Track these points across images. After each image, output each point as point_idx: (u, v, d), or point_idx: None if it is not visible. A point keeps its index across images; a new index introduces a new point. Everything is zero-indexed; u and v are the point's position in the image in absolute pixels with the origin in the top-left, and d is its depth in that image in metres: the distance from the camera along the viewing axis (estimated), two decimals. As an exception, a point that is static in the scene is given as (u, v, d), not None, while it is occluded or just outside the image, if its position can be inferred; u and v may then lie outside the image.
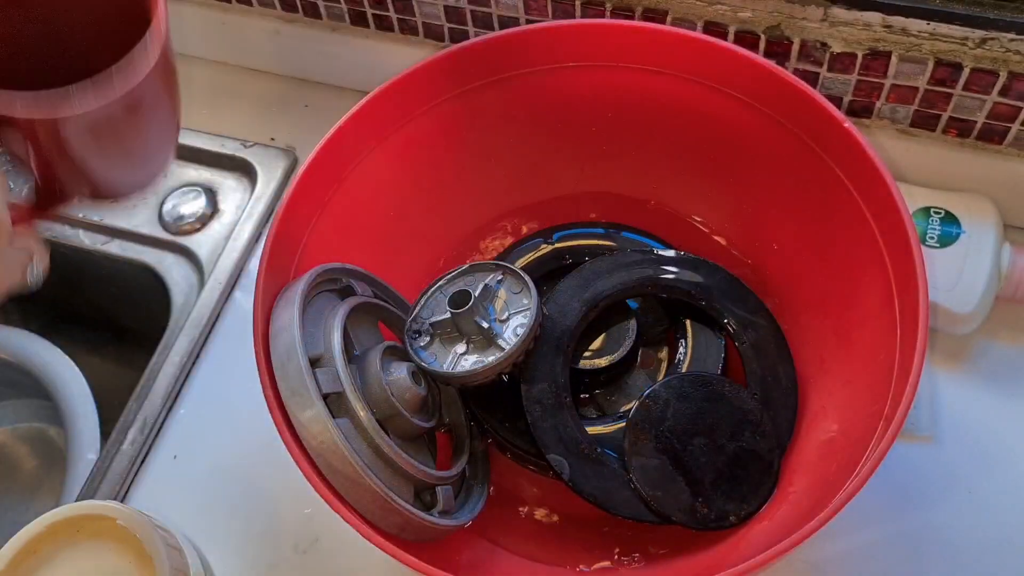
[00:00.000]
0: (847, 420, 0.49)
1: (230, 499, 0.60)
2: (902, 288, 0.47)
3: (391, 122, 0.56)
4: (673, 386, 0.53)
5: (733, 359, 0.56)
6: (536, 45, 0.56)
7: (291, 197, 0.51)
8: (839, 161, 0.51)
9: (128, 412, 0.63)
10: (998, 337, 0.60)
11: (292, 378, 0.45)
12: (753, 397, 0.52)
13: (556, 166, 0.62)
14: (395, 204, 0.59)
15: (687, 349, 0.56)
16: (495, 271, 0.54)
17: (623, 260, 0.57)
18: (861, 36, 0.57)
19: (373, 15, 0.71)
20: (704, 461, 0.50)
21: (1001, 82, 0.56)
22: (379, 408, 0.48)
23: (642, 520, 0.50)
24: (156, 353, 0.65)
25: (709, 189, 0.60)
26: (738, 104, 0.54)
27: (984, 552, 0.53)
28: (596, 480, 0.51)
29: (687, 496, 0.50)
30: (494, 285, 0.53)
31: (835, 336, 0.53)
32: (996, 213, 0.59)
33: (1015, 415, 0.57)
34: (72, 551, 0.47)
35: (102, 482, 0.61)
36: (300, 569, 0.56)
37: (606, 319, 0.57)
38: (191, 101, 0.79)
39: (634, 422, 0.52)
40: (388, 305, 0.56)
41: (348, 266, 0.54)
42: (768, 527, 0.48)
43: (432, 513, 0.48)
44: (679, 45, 0.54)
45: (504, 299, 0.53)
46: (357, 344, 0.53)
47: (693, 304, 0.56)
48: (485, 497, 0.54)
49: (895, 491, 0.55)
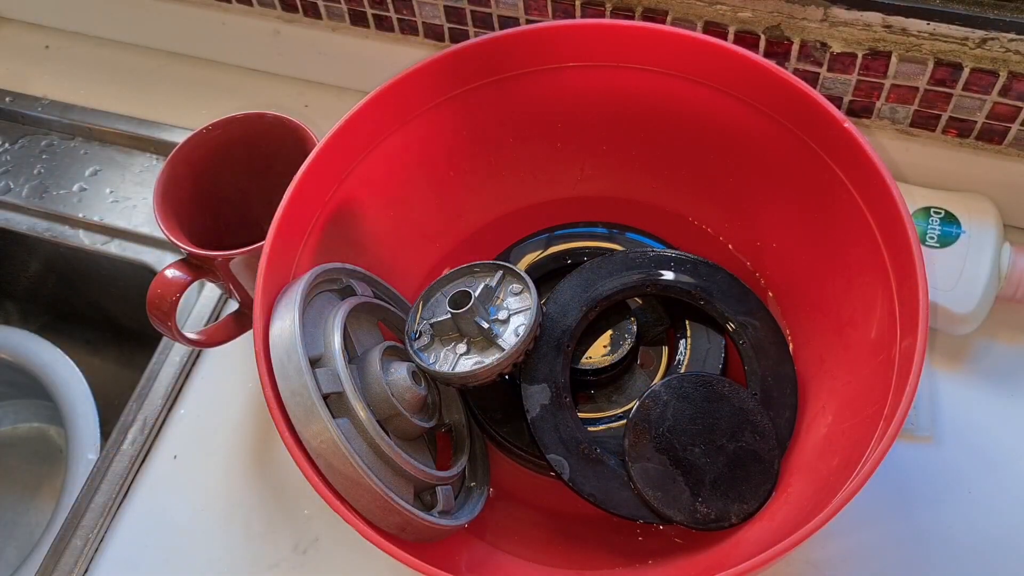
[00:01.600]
0: (847, 420, 0.49)
1: (230, 499, 0.60)
2: (902, 288, 0.47)
3: (391, 122, 0.56)
4: (673, 386, 0.53)
5: (733, 359, 0.56)
6: (536, 45, 0.56)
7: (291, 197, 0.51)
8: (839, 161, 0.51)
9: (128, 412, 0.63)
10: (998, 337, 0.60)
11: (292, 378, 0.45)
12: (753, 397, 0.52)
13: (556, 166, 0.62)
14: (395, 204, 0.59)
15: (687, 349, 0.56)
16: (496, 271, 0.54)
17: (623, 260, 0.57)
18: (861, 36, 0.57)
19: (373, 15, 0.71)
20: (704, 461, 0.50)
21: (1001, 82, 0.56)
22: (379, 408, 0.48)
23: (642, 520, 0.50)
24: (156, 353, 0.65)
25: (709, 189, 0.60)
26: (738, 104, 0.54)
27: (984, 552, 0.53)
28: (596, 480, 0.51)
29: (687, 496, 0.50)
30: (494, 285, 0.53)
31: (835, 336, 0.53)
32: (996, 213, 0.59)
33: (1015, 415, 0.57)
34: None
35: (102, 482, 0.61)
36: (300, 569, 0.56)
37: (606, 319, 0.57)
38: (191, 101, 0.79)
39: (634, 422, 0.52)
40: (388, 305, 0.56)
41: (348, 266, 0.54)
42: (768, 527, 0.48)
43: (432, 513, 0.48)
44: (679, 45, 0.54)
45: (504, 299, 0.53)
46: (357, 344, 0.53)
47: (693, 304, 0.56)
48: (485, 497, 0.54)
49: (895, 491, 0.55)
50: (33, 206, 0.75)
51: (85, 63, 0.84)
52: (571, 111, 0.59)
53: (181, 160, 0.58)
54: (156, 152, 0.77)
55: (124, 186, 0.76)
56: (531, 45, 0.56)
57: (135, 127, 0.78)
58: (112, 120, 0.78)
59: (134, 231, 0.73)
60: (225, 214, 0.61)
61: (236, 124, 0.59)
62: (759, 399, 0.53)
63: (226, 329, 0.60)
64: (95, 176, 0.77)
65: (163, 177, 0.57)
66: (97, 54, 0.84)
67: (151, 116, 0.78)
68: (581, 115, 0.59)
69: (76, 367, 0.73)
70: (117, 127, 0.78)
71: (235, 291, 0.58)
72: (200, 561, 0.58)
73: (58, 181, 0.77)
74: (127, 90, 0.81)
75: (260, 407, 0.63)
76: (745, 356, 0.55)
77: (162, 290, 0.54)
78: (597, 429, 0.54)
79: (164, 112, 0.78)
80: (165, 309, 0.54)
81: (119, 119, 0.78)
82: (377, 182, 0.57)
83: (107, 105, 0.79)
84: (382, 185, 0.57)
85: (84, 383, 0.72)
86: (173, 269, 0.55)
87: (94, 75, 0.83)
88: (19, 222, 0.75)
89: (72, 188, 0.76)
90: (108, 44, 0.85)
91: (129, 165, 0.77)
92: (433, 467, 0.52)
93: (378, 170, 0.56)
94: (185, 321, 0.67)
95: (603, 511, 0.50)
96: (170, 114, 0.78)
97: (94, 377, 0.73)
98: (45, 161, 0.78)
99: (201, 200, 0.60)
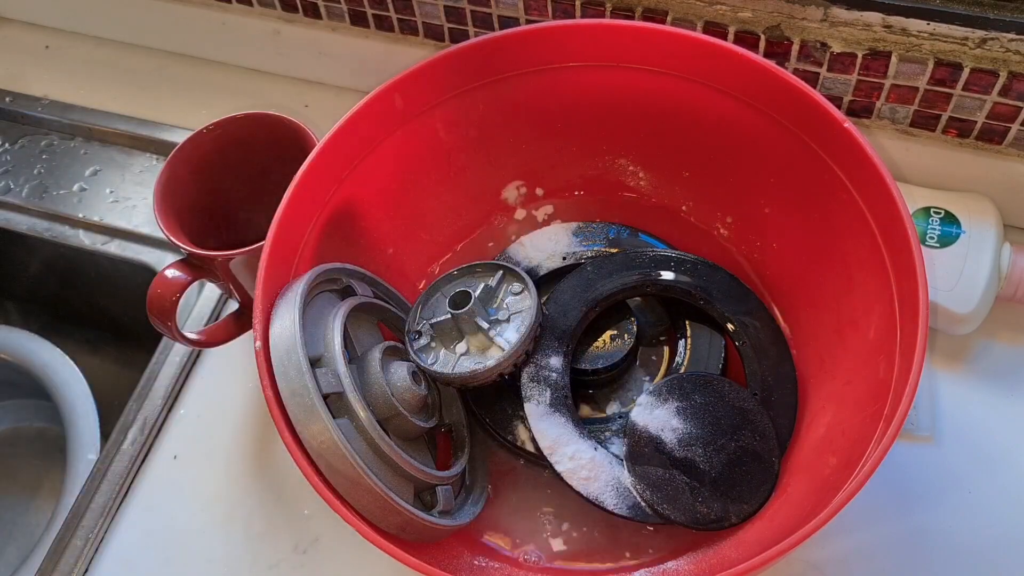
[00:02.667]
0: (847, 420, 0.49)
1: (230, 499, 0.60)
2: (902, 288, 0.47)
3: (391, 122, 0.56)
4: (673, 386, 0.53)
5: (733, 359, 0.56)
6: (536, 45, 0.56)
7: (291, 197, 0.51)
8: (839, 161, 0.51)
9: (128, 412, 0.63)
10: (998, 337, 0.60)
11: (292, 378, 0.45)
12: (753, 397, 0.52)
13: (556, 166, 0.62)
14: (395, 204, 0.59)
15: (687, 349, 0.56)
16: (496, 271, 0.54)
17: (623, 260, 0.57)
18: (861, 36, 0.57)
19: (373, 15, 0.71)
20: (704, 461, 0.50)
21: (1001, 82, 0.56)
22: (379, 408, 0.48)
23: (642, 520, 0.50)
24: (156, 353, 0.65)
25: (708, 189, 0.60)
26: (738, 104, 0.54)
27: (984, 552, 0.53)
28: (596, 480, 0.51)
29: (687, 496, 0.50)
30: (495, 286, 0.53)
31: (835, 336, 0.53)
32: (996, 213, 0.59)
33: (1015, 415, 0.57)
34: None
35: (102, 482, 0.61)
36: (300, 569, 0.56)
37: (606, 319, 0.57)
38: (191, 101, 0.79)
39: (634, 423, 0.52)
40: (388, 305, 0.56)
41: (348, 266, 0.54)
42: (768, 527, 0.48)
43: (432, 513, 0.48)
44: (679, 45, 0.54)
45: (504, 300, 0.53)
46: (357, 344, 0.53)
47: (693, 304, 0.56)
48: (485, 497, 0.54)
49: (895, 491, 0.55)
50: (33, 206, 0.75)
51: (85, 63, 0.84)
52: (571, 111, 0.59)
53: (181, 160, 0.59)
54: (156, 152, 0.77)
55: (124, 186, 0.76)
56: (531, 45, 0.56)
57: (135, 127, 0.78)
58: (112, 120, 0.78)
59: (134, 231, 0.73)
60: (225, 214, 0.61)
61: (236, 124, 0.60)
62: (759, 399, 0.53)
63: (226, 329, 0.60)
64: (95, 176, 0.77)
65: (163, 177, 0.57)
66: (97, 54, 0.84)
67: (151, 116, 0.78)
68: (581, 115, 0.59)
69: (76, 367, 0.73)
70: (117, 127, 0.78)
71: (235, 291, 0.58)
72: (200, 561, 0.58)
73: (58, 181, 0.77)
74: (127, 90, 0.81)
75: (260, 407, 0.63)
76: (745, 356, 0.55)
77: (162, 290, 0.54)
78: (597, 429, 0.54)
79: (164, 112, 0.78)
80: (165, 309, 0.54)
81: (119, 119, 0.78)
82: (377, 182, 0.57)
83: (107, 105, 0.79)
84: (382, 185, 0.57)
85: (84, 383, 0.72)
86: (173, 269, 0.55)
87: (94, 75, 0.83)
88: (19, 222, 0.75)
89: (72, 188, 0.76)
90: (108, 44, 0.85)
91: (129, 165, 0.77)
92: (433, 467, 0.52)
93: (378, 170, 0.56)
94: (185, 321, 0.67)
95: (603, 511, 0.50)
96: (170, 114, 0.78)
97: (94, 377, 0.73)
98: (45, 161, 0.78)
99: (201, 200, 0.60)
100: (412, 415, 0.50)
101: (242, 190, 0.61)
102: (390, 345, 0.51)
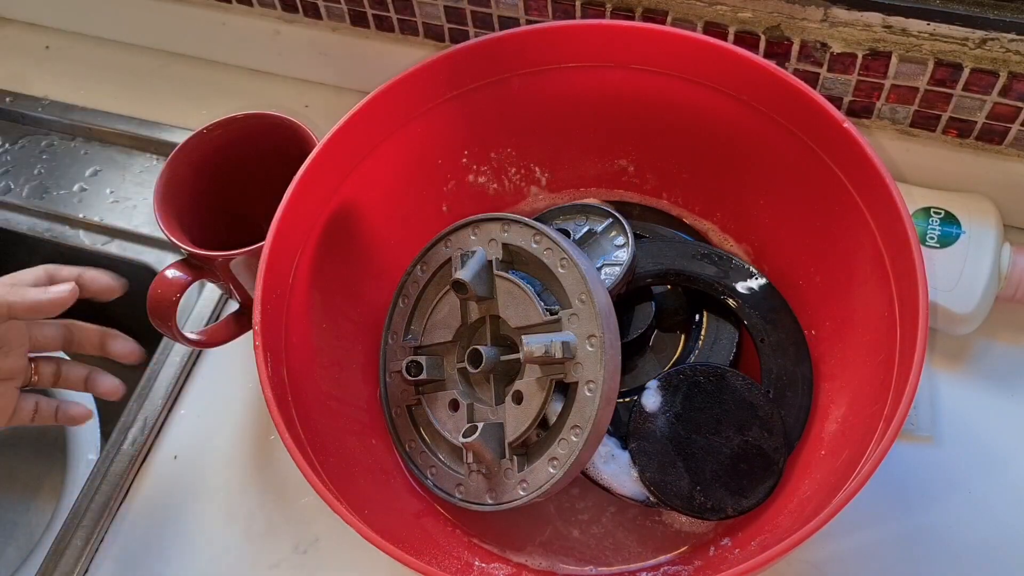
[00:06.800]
0: (847, 420, 0.49)
1: (230, 499, 0.60)
2: (902, 288, 0.47)
3: (391, 122, 0.56)
4: (686, 373, 0.52)
5: (748, 356, 0.56)
6: (536, 45, 0.56)
7: (291, 197, 0.51)
8: (839, 161, 0.51)
9: (128, 412, 0.63)
10: (998, 337, 0.60)
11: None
12: (765, 394, 0.52)
13: (556, 166, 0.62)
14: (395, 204, 0.59)
15: (701, 340, 0.56)
16: (606, 218, 0.57)
17: (656, 247, 0.58)
18: (861, 36, 0.57)
19: (373, 15, 0.71)
20: (707, 451, 0.50)
21: (1001, 82, 0.56)
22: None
23: (641, 502, 0.51)
24: (156, 353, 0.65)
25: (708, 189, 0.60)
26: (738, 104, 0.54)
27: (984, 552, 0.53)
28: (600, 459, 0.51)
29: (686, 483, 0.50)
30: (599, 230, 0.56)
31: (835, 336, 0.53)
32: (996, 213, 0.59)
33: (1015, 415, 0.57)
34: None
35: (102, 482, 0.61)
36: (300, 569, 0.57)
37: (627, 299, 0.57)
38: (191, 101, 0.79)
39: (642, 404, 0.52)
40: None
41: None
42: (768, 527, 0.48)
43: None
44: (679, 45, 0.54)
45: (601, 246, 0.56)
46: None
47: (715, 297, 0.56)
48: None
49: (895, 491, 0.55)
50: (33, 206, 0.75)
51: (85, 63, 0.84)
52: (571, 111, 0.59)
53: (181, 160, 0.59)
54: (156, 152, 0.77)
55: (124, 186, 0.76)
56: (531, 45, 0.56)
57: (135, 127, 0.78)
58: (112, 120, 0.78)
59: (134, 231, 0.73)
60: (225, 214, 0.61)
61: (236, 124, 0.60)
62: (772, 397, 0.53)
63: (226, 329, 0.60)
64: (95, 176, 0.77)
65: (163, 177, 0.57)
66: (97, 54, 0.84)
67: (151, 116, 0.78)
68: (581, 115, 0.59)
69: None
70: (117, 127, 0.78)
71: (235, 291, 0.58)
72: (200, 561, 0.58)
73: (58, 181, 0.77)
74: (127, 90, 0.81)
75: (260, 407, 0.63)
76: (763, 354, 0.54)
77: (162, 290, 0.54)
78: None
79: (164, 112, 0.78)
80: (165, 309, 0.54)
81: (119, 119, 0.78)
82: (377, 182, 0.57)
83: (107, 105, 0.79)
84: (382, 185, 0.57)
85: (84, 383, 0.72)
86: (173, 269, 0.55)
87: (94, 75, 0.83)
88: (19, 222, 0.75)
89: (72, 188, 0.76)
90: (108, 44, 0.85)
91: (129, 165, 0.77)
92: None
93: (378, 170, 0.56)
94: (185, 321, 0.67)
95: (602, 489, 0.51)
96: (170, 114, 0.78)
97: (94, 377, 0.73)
98: (45, 161, 0.78)
99: (201, 200, 0.60)
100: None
101: (242, 190, 0.61)
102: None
